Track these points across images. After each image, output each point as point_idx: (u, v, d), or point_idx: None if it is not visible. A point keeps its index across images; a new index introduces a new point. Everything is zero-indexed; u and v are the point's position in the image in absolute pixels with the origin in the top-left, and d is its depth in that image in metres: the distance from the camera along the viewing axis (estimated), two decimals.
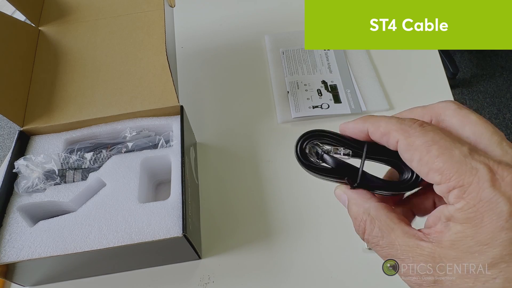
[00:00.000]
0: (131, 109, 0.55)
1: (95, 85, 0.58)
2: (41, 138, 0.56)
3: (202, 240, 0.56)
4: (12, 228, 0.48)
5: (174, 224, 0.47)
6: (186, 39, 0.84)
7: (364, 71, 0.74)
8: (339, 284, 0.51)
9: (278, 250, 0.55)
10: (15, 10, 0.62)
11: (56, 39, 0.62)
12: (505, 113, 1.50)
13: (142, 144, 0.55)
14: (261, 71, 0.78)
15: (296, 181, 0.61)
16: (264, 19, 0.87)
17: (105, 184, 0.51)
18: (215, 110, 0.72)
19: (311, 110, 0.69)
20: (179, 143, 0.53)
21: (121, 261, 0.52)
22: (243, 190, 0.61)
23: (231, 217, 0.58)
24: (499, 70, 1.64)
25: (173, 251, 0.51)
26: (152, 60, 0.59)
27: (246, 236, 0.56)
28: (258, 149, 0.66)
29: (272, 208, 0.59)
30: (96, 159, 0.53)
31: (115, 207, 0.49)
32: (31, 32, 0.62)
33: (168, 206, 0.48)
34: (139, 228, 0.47)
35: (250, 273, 0.53)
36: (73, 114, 0.56)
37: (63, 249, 0.45)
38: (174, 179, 0.51)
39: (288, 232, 0.56)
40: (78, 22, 0.64)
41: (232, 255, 0.55)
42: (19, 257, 0.45)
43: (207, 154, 0.66)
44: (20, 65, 0.58)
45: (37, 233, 0.47)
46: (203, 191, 0.61)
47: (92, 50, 0.61)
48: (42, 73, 0.59)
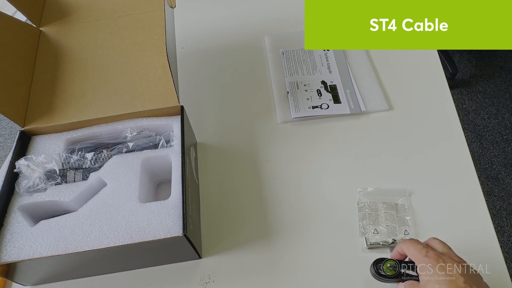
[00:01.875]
0: (132, 109, 0.55)
1: (96, 86, 0.58)
2: (42, 138, 0.56)
3: (203, 240, 0.57)
4: (13, 228, 0.48)
5: (174, 223, 0.47)
6: (187, 39, 0.84)
7: (364, 71, 0.75)
8: (339, 284, 0.51)
9: (278, 250, 0.55)
10: (16, 11, 0.62)
11: (57, 40, 0.63)
12: (504, 113, 1.51)
13: (142, 144, 0.55)
14: (261, 71, 0.78)
15: (296, 181, 0.61)
16: (264, 20, 0.87)
17: (106, 184, 0.51)
18: (215, 110, 0.73)
19: (310, 110, 0.69)
20: (179, 143, 0.53)
21: (121, 261, 0.52)
22: (243, 190, 0.61)
23: (231, 217, 0.59)
24: (498, 71, 1.65)
25: (174, 251, 0.51)
26: (153, 61, 0.59)
27: (246, 235, 0.57)
28: (258, 149, 0.66)
29: (272, 208, 0.59)
30: (97, 159, 0.53)
31: (115, 206, 0.49)
32: (32, 33, 0.62)
33: (169, 205, 0.48)
34: (140, 228, 0.47)
35: (250, 273, 0.53)
36: (74, 114, 0.56)
37: (64, 249, 0.46)
38: (174, 179, 0.51)
39: (288, 232, 0.56)
40: (79, 22, 0.64)
41: (232, 254, 0.55)
42: (20, 256, 0.45)
43: (207, 154, 0.66)
44: (21, 66, 0.58)
45: (38, 233, 0.47)
46: (203, 191, 0.62)
47: (93, 51, 0.61)
48: (43, 74, 0.59)
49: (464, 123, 1.49)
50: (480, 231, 0.54)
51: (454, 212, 0.56)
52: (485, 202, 0.56)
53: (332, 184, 0.61)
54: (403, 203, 0.57)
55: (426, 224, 0.55)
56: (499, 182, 1.33)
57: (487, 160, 1.39)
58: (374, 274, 0.47)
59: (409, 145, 0.64)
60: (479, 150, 1.42)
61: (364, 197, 0.58)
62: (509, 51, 1.70)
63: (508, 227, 1.24)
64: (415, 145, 0.64)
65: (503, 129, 1.47)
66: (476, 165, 0.72)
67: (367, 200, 0.57)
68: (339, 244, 0.55)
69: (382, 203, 0.57)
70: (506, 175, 1.35)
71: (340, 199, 0.59)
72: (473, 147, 1.43)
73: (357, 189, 0.59)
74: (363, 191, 0.58)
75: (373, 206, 0.57)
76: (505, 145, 1.42)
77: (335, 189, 0.60)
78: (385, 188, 0.58)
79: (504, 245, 1.20)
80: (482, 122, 1.49)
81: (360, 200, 0.58)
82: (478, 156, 1.40)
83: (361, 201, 0.58)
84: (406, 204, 0.57)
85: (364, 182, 0.60)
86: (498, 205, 1.29)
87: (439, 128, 0.66)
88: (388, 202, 0.57)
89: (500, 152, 1.41)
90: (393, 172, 0.61)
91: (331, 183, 0.61)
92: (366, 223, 0.55)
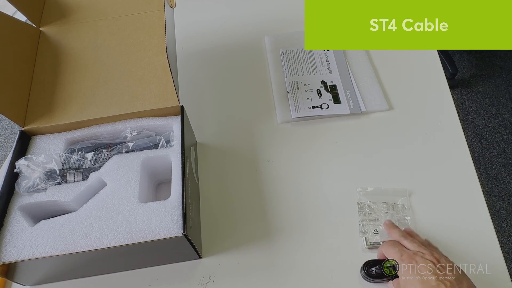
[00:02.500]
0: (132, 109, 0.55)
1: (96, 86, 0.58)
2: (42, 138, 0.56)
3: (202, 240, 0.56)
4: (13, 228, 0.48)
5: (174, 223, 0.47)
6: (187, 39, 0.84)
7: (364, 71, 0.75)
8: (339, 284, 0.51)
9: (278, 250, 0.55)
10: (16, 11, 0.62)
11: (57, 40, 0.63)
12: (504, 113, 1.51)
13: (142, 144, 0.55)
14: (261, 71, 0.78)
15: (296, 181, 0.61)
16: (264, 20, 0.87)
17: (106, 184, 0.51)
18: (215, 110, 0.73)
19: (310, 110, 0.69)
20: (179, 143, 0.53)
21: (121, 261, 0.52)
22: (243, 190, 0.61)
23: (231, 217, 0.59)
24: (498, 71, 1.65)
25: (174, 251, 0.51)
26: (153, 61, 0.59)
27: (246, 235, 0.57)
28: (258, 149, 0.66)
29: (272, 208, 0.59)
30: (97, 159, 0.53)
31: (115, 206, 0.49)
32: (32, 33, 0.62)
33: (169, 205, 0.48)
34: (140, 228, 0.47)
35: (250, 273, 0.53)
36: (74, 114, 0.56)
37: (64, 249, 0.46)
38: (174, 179, 0.51)
39: (288, 232, 0.56)
40: (79, 22, 0.64)
41: (232, 254, 0.55)
42: (20, 256, 0.45)
43: (207, 154, 0.66)
44: (21, 66, 0.58)
45: (38, 233, 0.47)
46: (203, 191, 0.62)
47: (93, 51, 0.61)
48: (43, 74, 0.59)
49: (464, 123, 1.49)
50: (480, 231, 0.54)
51: (454, 212, 0.56)
52: (485, 202, 0.56)
53: (332, 184, 0.61)
54: (403, 203, 0.57)
55: (426, 224, 0.55)
56: (499, 182, 1.33)
57: (487, 160, 1.39)
58: (364, 276, 0.50)
59: (409, 145, 0.64)
60: (479, 150, 1.42)
61: (364, 197, 0.58)
62: (509, 51, 1.70)
63: (508, 227, 1.24)
64: (415, 145, 0.64)
65: (503, 129, 1.47)
66: (476, 165, 0.72)
67: (367, 200, 0.57)
68: (339, 244, 0.55)
69: (382, 203, 0.57)
70: (506, 175, 1.35)
71: (340, 199, 0.59)
72: (473, 147, 1.43)
73: (357, 189, 0.59)
74: (363, 191, 0.58)
75: (373, 206, 0.57)
76: (505, 145, 1.42)
77: (335, 189, 0.60)
78: (385, 188, 0.58)
79: (504, 245, 1.20)
80: (482, 122, 1.49)
81: (360, 200, 0.58)
82: (478, 156, 1.40)
83: (361, 201, 0.58)
84: (406, 204, 0.57)
85: (364, 182, 0.60)
86: (498, 205, 1.29)
87: (439, 128, 0.66)
88: (388, 202, 0.57)
89: (500, 152, 1.41)
90: (393, 172, 0.61)
91: (331, 183, 0.61)
92: (366, 223, 0.55)
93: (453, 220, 0.55)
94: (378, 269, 0.49)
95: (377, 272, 0.49)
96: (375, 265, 0.50)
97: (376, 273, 0.49)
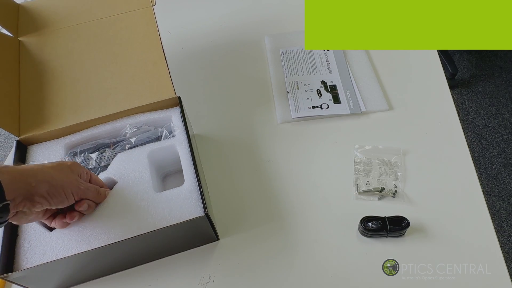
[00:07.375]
0: (128, 106, 0.55)
1: (88, 87, 0.57)
2: (40, 146, 0.55)
3: None
4: (30, 236, 0.47)
5: (194, 206, 0.48)
6: (186, 39, 0.84)
7: (364, 72, 0.75)
8: (339, 284, 0.51)
9: (278, 250, 0.55)
10: None
11: (38, 48, 0.61)
12: (503, 113, 1.51)
13: (144, 138, 0.55)
14: (261, 71, 0.78)
15: (296, 181, 0.61)
16: (264, 19, 0.87)
17: (117, 182, 0.51)
18: (215, 110, 0.73)
19: (310, 110, 0.69)
20: (182, 131, 0.53)
21: (144, 252, 0.52)
22: (243, 190, 0.61)
23: (230, 217, 0.59)
24: (498, 71, 1.65)
25: (195, 233, 0.52)
26: (142, 58, 0.59)
27: (245, 235, 0.56)
28: (258, 149, 0.66)
29: (271, 208, 0.59)
30: (101, 158, 0.54)
31: (132, 200, 0.49)
32: (12, 43, 0.61)
33: (185, 190, 0.49)
34: (162, 216, 0.47)
35: (250, 273, 0.53)
36: (69, 118, 0.55)
37: (87, 248, 0.45)
38: (185, 165, 0.51)
39: (288, 232, 0.56)
40: (58, 29, 0.63)
41: (232, 254, 0.55)
42: (43, 262, 0.44)
43: (207, 154, 0.66)
44: (5, 76, 0.57)
45: (58, 237, 0.46)
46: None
47: (79, 54, 0.60)
48: (29, 82, 0.58)
49: (464, 123, 1.49)
50: (480, 231, 0.54)
51: (454, 212, 0.56)
52: (485, 202, 0.56)
53: (332, 184, 0.61)
54: (396, 160, 0.61)
55: (426, 223, 0.55)
56: (499, 182, 1.33)
57: (487, 160, 1.39)
58: (362, 231, 0.53)
59: (409, 145, 0.64)
60: (479, 150, 1.42)
61: (360, 154, 0.61)
62: (509, 51, 1.70)
63: (508, 227, 1.24)
64: (415, 145, 0.64)
65: (503, 129, 1.47)
66: (476, 165, 0.72)
67: (363, 157, 0.61)
68: (339, 244, 0.55)
69: (377, 159, 0.61)
70: (506, 175, 1.35)
71: (340, 199, 0.59)
72: (473, 147, 1.43)
73: (354, 146, 0.63)
74: (361, 149, 0.62)
75: (368, 162, 0.61)
76: (505, 145, 1.42)
77: (335, 189, 0.60)
78: (382, 147, 0.62)
79: (504, 245, 1.20)
80: (482, 122, 1.49)
81: (356, 156, 0.61)
82: (478, 156, 1.40)
83: (357, 157, 0.61)
84: (400, 161, 0.60)
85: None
86: (498, 205, 1.29)
87: (439, 128, 0.66)
88: (382, 159, 0.61)
89: (500, 152, 1.41)
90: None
91: (331, 183, 0.61)
92: (360, 175, 0.59)
93: (453, 220, 0.55)
94: (374, 224, 0.52)
95: (373, 227, 0.52)
96: (371, 221, 0.53)
97: (372, 228, 0.52)
